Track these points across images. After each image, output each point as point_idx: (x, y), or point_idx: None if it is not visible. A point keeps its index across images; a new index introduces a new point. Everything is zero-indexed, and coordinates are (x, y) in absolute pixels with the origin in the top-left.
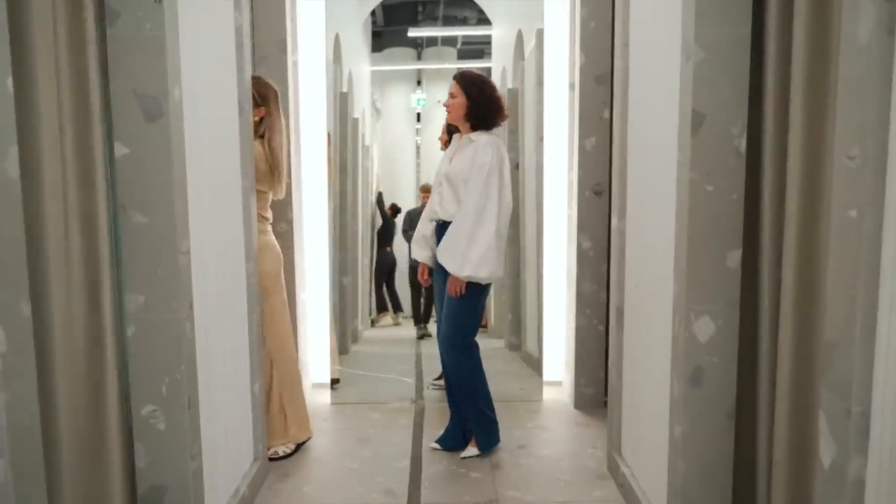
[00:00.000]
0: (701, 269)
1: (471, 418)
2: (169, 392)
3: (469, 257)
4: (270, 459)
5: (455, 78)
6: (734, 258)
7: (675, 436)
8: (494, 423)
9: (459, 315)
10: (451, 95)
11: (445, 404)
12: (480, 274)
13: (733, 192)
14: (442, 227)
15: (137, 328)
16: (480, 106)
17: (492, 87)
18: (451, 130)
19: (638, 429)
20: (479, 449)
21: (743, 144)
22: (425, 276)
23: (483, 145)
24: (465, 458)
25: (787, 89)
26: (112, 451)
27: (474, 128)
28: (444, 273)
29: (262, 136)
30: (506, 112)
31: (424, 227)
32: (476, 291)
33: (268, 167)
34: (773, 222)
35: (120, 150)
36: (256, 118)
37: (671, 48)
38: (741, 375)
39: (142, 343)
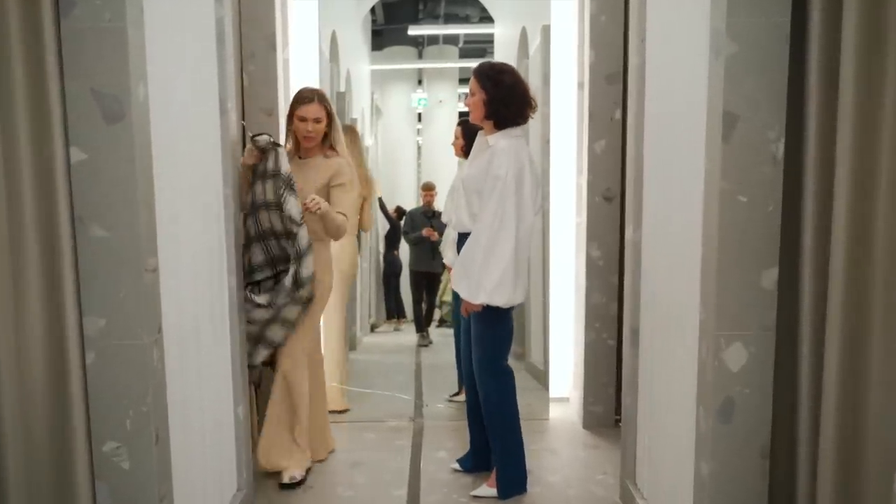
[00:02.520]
0: (732, 289)
1: (496, 456)
2: (134, 426)
3: (483, 284)
4: (281, 486)
5: (473, 72)
6: (770, 278)
7: (702, 474)
8: (523, 468)
9: (485, 338)
10: (471, 93)
11: (448, 423)
12: (496, 302)
13: (769, 204)
14: (461, 238)
15: (98, 355)
16: (495, 101)
17: (512, 77)
18: (467, 134)
19: (657, 459)
20: (499, 492)
21: (780, 150)
22: None
23: (499, 152)
24: (476, 496)
25: (833, 88)
26: (80, 495)
27: (499, 126)
28: None
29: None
30: (534, 104)
31: (451, 232)
32: (497, 310)
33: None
34: (816, 238)
35: (76, 155)
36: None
37: (697, 41)
38: (777, 410)
39: (103, 372)
